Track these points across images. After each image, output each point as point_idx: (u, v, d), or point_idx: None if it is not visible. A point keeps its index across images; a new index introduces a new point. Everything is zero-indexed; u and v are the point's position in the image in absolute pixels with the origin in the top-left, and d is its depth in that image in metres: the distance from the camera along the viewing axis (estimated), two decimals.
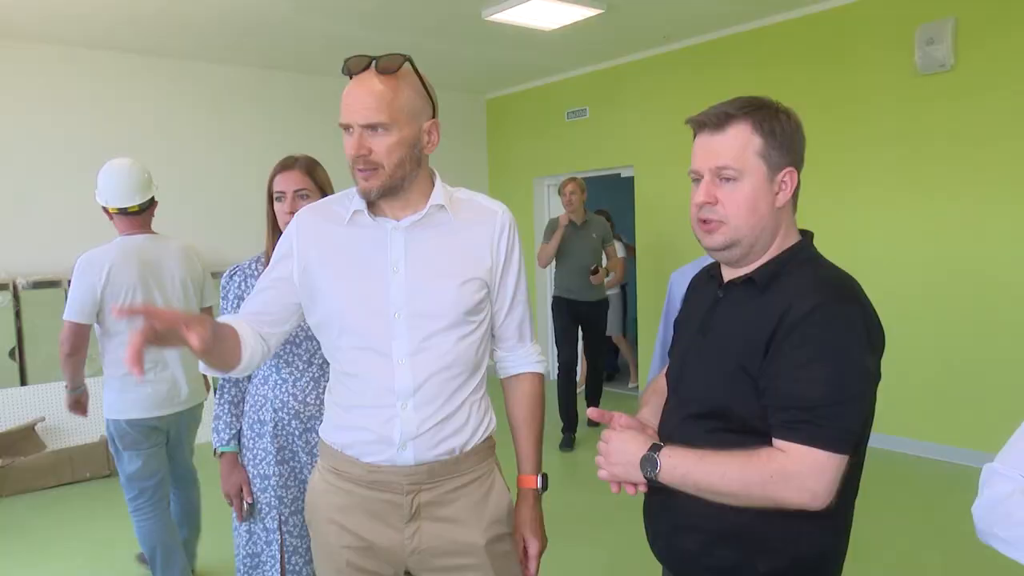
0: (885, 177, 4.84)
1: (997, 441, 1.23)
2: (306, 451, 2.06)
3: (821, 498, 1.13)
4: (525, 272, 1.63)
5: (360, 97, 1.38)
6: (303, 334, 2.01)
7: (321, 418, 1.81)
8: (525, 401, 1.64)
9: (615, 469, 1.30)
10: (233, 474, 2.09)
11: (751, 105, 1.24)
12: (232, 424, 2.12)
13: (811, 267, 1.27)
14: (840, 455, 1.14)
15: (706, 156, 1.27)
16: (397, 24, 5.19)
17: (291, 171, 2.04)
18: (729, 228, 1.26)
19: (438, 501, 1.49)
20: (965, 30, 4.43)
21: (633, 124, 6.43)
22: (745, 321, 1.25)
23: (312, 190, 2.03)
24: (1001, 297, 4.39)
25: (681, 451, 1.23)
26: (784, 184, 1.25)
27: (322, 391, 2.00)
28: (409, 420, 1.44)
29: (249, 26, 5.19)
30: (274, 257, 1.55)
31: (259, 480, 2.07)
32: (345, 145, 1.41)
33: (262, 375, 2.09)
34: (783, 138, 1.23)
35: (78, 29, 5.13)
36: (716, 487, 1.18)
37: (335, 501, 1.51)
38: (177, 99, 5.99)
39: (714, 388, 1.26)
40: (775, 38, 5.38)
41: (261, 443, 2.06)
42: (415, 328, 1.45)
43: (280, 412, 2.04)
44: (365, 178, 1.41)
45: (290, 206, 2.00)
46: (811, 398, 1.14)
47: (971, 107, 4.44)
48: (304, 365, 2.05)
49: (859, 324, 1.17)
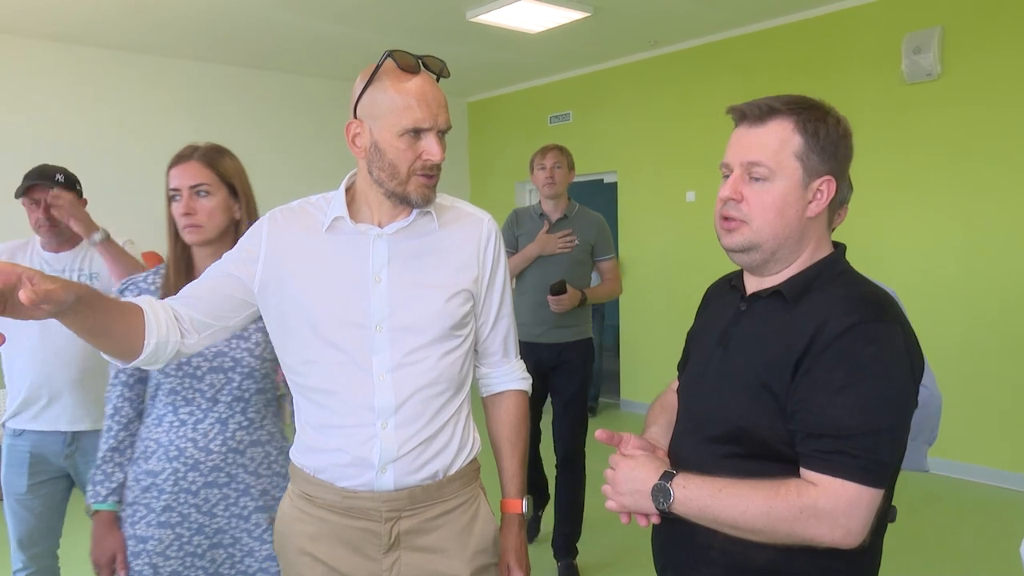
0: (871, 185, 4.80)
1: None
2: (203, 511, 1.66)
3: (855, 536, 1.04)
4: (511, 285, 1.54)
5: (440, 99, 1.32)
6: (207, 365, 1.64)
7: (227, 469, 1.66)
8: (510, 420, 1.55)
9: (624, 499, 1.20)
10: (108, 538, 1.67)
11: (799, 103, 1.15)
12: (114, 475, 1.70)
13: (845, 282, 1.17)
14: (876, 489, 1.05)
15: (739, 149, 1.18)
16: (379, 23, 5.09)
17: (187, 163, 1.67)
18: (750, 229, 1.16)
19: (419, 529, 1.38)
20: (952, 39, 4.42)
21: (617, 129, 6.37)
22: (771, 336, 1.15)
23: (214, 185, 1.66)
24: (990, 303, 4.37)
25: (698, 480, 1.13)
26: (820, 193, 1.16)
27: (230, 435, 1.67)
28: (390, 440, 1.34)
29: (229, 23, 5.06)
30: (232, 254, 1.42)
31: (133, 542, 1.66)
32: (411, 149, 1.31)
33: (156, 415, 1.68)
34: (827, 142, 1.14)
35: (52, 23, 4.96)
36: (738, 523, 1.08)
37: (307, 530, 1.40)
38: (154, 96, 5.84)
39: (733, 407, 1.16)
40: (762, 45, 5.34)
41: (145, 499, 1.67)
42: (397, 342, 1.35)
43: (176, 462, 1.64)
44: (433, 185, 1.36)
45: (186, 206, 1.64)
46: (847, 426, 1.04)
47: (958, 115, 4.43)
48: (208, 403, 1.66)
49: (900, 345, 1.08)
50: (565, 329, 3.29)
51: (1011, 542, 3.39)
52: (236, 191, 1.70)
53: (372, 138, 1.32)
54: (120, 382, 1.70)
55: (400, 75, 1.30)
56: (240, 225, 1.70)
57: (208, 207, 1.65)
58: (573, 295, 3.15)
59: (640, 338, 6.31)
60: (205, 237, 1.66)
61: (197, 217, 1.64)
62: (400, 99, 1.28)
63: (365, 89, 1.32)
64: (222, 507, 1.67)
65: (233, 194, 1.70)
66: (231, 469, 1.67)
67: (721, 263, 1.29)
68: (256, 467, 1.70)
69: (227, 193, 1.68)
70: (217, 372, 1.65)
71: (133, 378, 1.70)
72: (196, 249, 1.71)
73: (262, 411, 1.72)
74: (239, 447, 1.67)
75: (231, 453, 1.67)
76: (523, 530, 1.53)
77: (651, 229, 6.15)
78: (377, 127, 1.31)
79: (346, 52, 5.81)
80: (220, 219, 1.67)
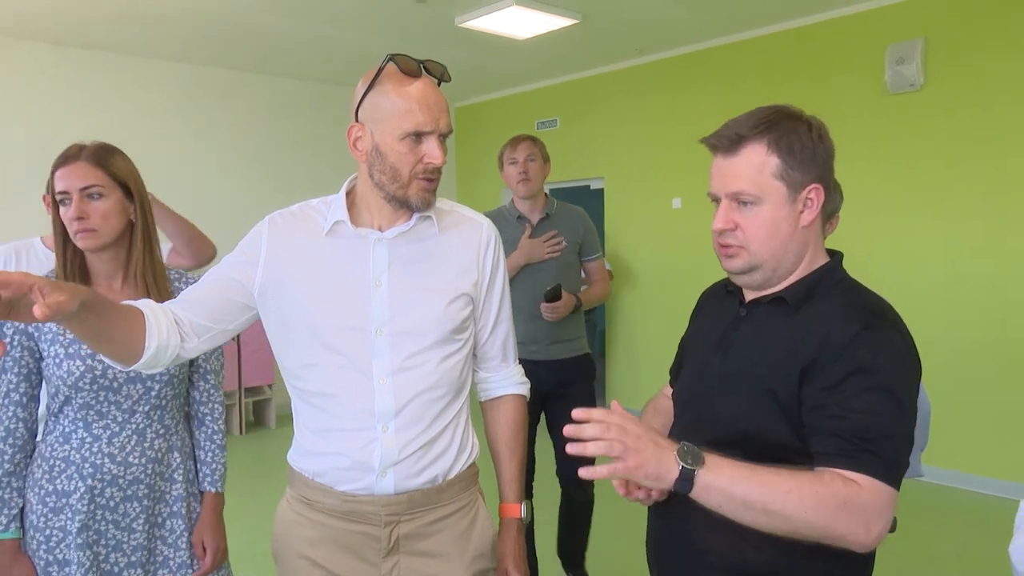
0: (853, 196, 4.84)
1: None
2: (121, 527, 1.60)
3: (877, 536, 1.04)
4: (509, 289, 1.54)
5: (441, 103, 1.32)
6: (123, 376, 1.56)
7: (146, 480, 1.61)
8: (508, 424, 1.55)
9: (638, 458, 1.00)
10: (16, 566, 1.55)
11: (766, 121, 1.16)
12: (12, 500, 1.57)
13: (845, 289, 1.20)
14: (896, 491, 1.06)
15: (722, 180, 1.19)
16: (369, 28, 5.08)
17: (74, 164, 1.55)
18: (749, 253, 1.18)
19: (418, 533, 1.38)
20: (935, 50, 4.48)
21: (604, 136, 6.40)
22: (774, 342, 1.16)
23: (107, 187, 1.56)
24: (970, 314, 4.42)
25: (727, 459, 1.06)
26: (809, 201, 1.17)
27: (148, 446, 1.61)
28: (390, 444, 1.34)
29: (220, 27, 5.03)
30: (231, 257, 1.41)
31: (56, 568, 1.57)
32: (412, 152, 1.31)
33: (61, 432, 1.58)
34: (804, 154, 1.15)
35: (44, 25, 4.91)
36: (772, 504, 1.01)
37: (305, 534, 1.39)
38: (146, 99, 5.80)
39: (737, 412, 1.17)
40: (748, 54, 5.39)
41: (58, 521, 1.56)
42: (397, 346, 1.35)
43: (92, 479, 1.56)
44: (433, 189, 1.36)
45: (77, 210, 1.53)
46: (871, 429, 1.06)
47: (941, 126, 4.49)
48: (124, 415, 1.59)
49: (904, 352, 1.11)
50: (563, 344, 2.92)
51: (1001, 549, 3.43)
52: (131, 192, 1.61)
53: (373, 141, 1.32)
54: (13, 401, 1.57)
55: (402, 79, 1.30)
56: (135, 227, 1.63)
57: (102, 210, 1.56)
58: (568, 301, 2.84)
59: (626, 344, 6.33)
60: (101, 242, 1.57)
61: (90, 221, 1.55)
62: (402, 103, 1.29)
63: (367, 93, 1.32)
64: (141, 520, 1.62)
65: (128, 195, 1.61)
66: (150, 480, 1.62)
67: (708, 270, 1.31)
68: (171, 473, 1.67)
69: (122, 194, 1.60)
70: (135, 382, 1.58)
71: (26, 397, 1.59)
72: (91, 255, 1.61)
73: (176, 416, 1.70)
74: (157, 455, 1.64)
75: (150, 463, 1.62)
76: (521, 535, 1.53)
77: (638, 235, 6.18)
78: (379, 130, 1.31)
79: (337, 56, 5.80)
80: (116, 222, 1.58)
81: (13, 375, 1.57)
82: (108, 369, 1.55)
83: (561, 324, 2.89)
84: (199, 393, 1.77)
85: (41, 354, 1.58)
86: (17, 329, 1.57)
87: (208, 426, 1.77)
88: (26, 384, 1.58)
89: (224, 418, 1.82)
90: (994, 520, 4.02)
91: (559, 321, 2.88)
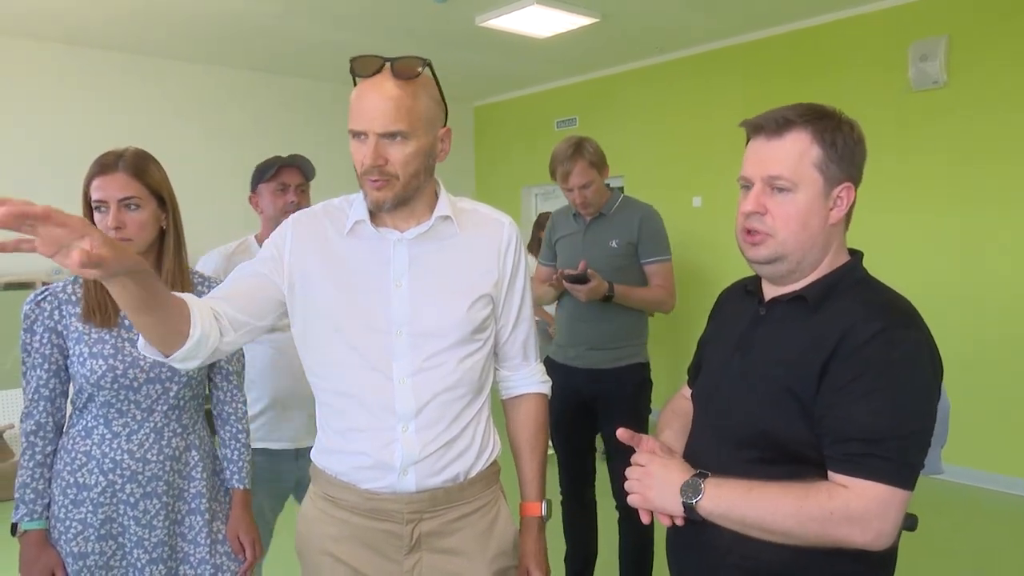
0: (876, 192, 4.81)
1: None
2: (142, 523, 1.63)
3: (887, 537, 1.05)
4: (531, 287, 1.55)
5: (377, 102, 1.28)
6: (143, 376, 1.61)
7: (165, 477, 1.64)
8: (529, 423, 1.56)
9: (651, 493, 1.19)
10: (42, 557, 1.59)
11: (813, 113, 1.16)
12: (43, 492, 1.62)
13: (866, 288, 1.19)
14: (906, 491, 1.06)
15: (759, 163, 1.18)
16: (387, 28, 5.10)
17: (113, 175, 1.59)
18: (776, 242, 1.17)
19: (440, 531, 1.39)
20: (958, 47, 4.43)
21: (623, 135, 6.38)
22: (794, 341, 1.16)
23: (144, 198, 1.61)
24: (995, 311, 4.37)
25: (728, 481, 1.13)
26: (840, 200, 1.17)
27: (166, 444, 1.65)
28: (411, 443, 1.35)
29: (236, 27, 5.08)
30: (262, 254, 1.42)
31: (72, 560, 1.60)
32: (355, 153, 1.31)
33: (83, 426, 1.63)
34: (844, 151, 1.15)
35: (58, 25, 4.98)
36: (767, 523, 1.09)
37: (329, 531, 1.41)
38: (161, 99, 5.86)
39: (756, 412, 1.17)
40: (769, 52, 5.35)
41: (78, 513, 1.61)
42: (418, 347, 1.36)
43: (112, 475, 1.61)
44: (378, 188, 1.31)
45: (115, 220, 1.57)
46: (877, 429, 1.05)
47: (964, 123, 4.44)
48: (143, 414, 1.63)
49: (924, 352, 1.10)
50: (603, 352, 2.68)
51: (1022, 548, 3.39)
52: (164, 201, 1.66)
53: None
54: (43, 397, 1.63)
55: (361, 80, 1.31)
56: (167, 235, 1.68)
57: (139, 220, 1.60)
58: (598, 285, 2.56)
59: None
60: (135, 250, 1.58)
61: (127, 230, 1.59)
62: (351, 103, 1.31)
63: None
64: (161, 517, 1.65)
65: (161, 204, 1.66)
66: (169, 477, 1.66)
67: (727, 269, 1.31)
68: (189, 471, 1.70)
69: (156, 205, 1.64)
70: (154, 383, 1.63)
71: (55, 392, 1.65)
72: None
73: (194, 416, 1.73)
74: (175, 453, 1.67)
75: (168, 460, 1.66)
76: (542, 533, 1.53)
77: None
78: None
79: (353, 56, 5.82)
80: (150, 231, 1.64)
81: (43, 371, 1.63)
82: (128, 369, 1.60)
83: (602, 328, 2.69)
84: (222, 393, 1.82)
85: (67, 352, 1.63)
86: (47, 328, 1.62)
87: (233, 425, 1.81)
88: (55, 380, 1.64)
89: (248, 417, 1.85)
90: (1020, 521, 3.99)
91: (601, 325, 2.69)
